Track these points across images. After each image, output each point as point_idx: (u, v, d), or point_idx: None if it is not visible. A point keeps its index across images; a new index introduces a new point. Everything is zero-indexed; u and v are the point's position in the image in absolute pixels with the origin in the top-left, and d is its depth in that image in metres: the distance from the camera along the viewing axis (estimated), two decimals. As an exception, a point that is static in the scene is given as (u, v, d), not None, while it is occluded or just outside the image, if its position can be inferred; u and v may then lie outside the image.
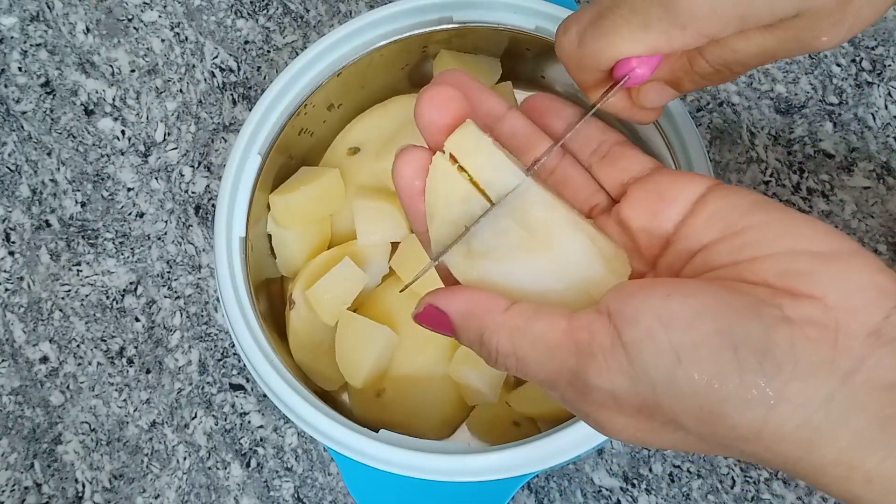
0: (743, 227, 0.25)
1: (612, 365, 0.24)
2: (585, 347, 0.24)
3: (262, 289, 0.45)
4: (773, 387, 0.22)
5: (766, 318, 0.23)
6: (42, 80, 0.56)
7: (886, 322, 0.23)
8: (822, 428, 0.22)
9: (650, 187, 0.28)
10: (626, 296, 0.24)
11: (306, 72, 0.45)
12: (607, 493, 0.46)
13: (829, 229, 0.25)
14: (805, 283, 0.23)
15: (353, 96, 0.49)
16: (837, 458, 0.22)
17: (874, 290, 0.23)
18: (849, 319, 0.23)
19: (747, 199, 0.26)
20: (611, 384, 0.24)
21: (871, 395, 0.22)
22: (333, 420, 0.39)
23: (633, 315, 0.24)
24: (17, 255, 0.53)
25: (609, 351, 0.24)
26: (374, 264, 0.47)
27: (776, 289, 0.23)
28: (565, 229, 0.27)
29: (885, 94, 0.51)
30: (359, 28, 0.45)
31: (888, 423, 0.22)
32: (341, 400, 0.48)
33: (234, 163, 0.44)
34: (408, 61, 0.49)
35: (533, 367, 0.25)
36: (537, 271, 0.27)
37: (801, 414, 0.22)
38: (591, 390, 0.24)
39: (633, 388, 0.24)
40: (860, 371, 0.22)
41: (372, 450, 0.38)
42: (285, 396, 0.40)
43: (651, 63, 0.29)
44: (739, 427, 0.23)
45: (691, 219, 0.26)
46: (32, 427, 0.50)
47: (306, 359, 0.46)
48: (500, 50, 0.49)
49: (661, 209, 0.27)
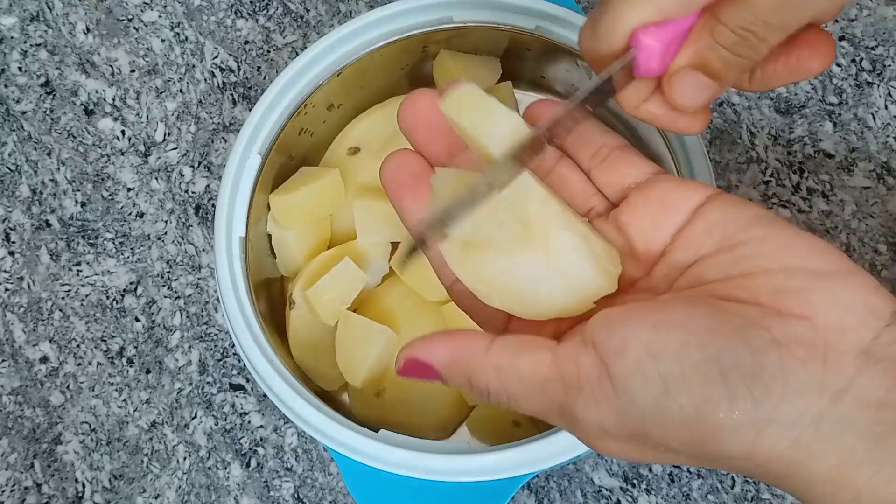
0: (740, 241, 0.25)
1: (600, 397, 0.23)
2: (573, 381, 0.24)
3: (262, 289, 0.45)
4: (763, 411, 0.22)
5: (754, 343, 0.23)
6: (42, 80, 0.56)
7: (876, 342, 0.23)
8: (812, 447, 0.22)
9: (652, 194, 0.27)
10: (612, 326, 0.24)
11: (306, 72, 0.45)
12: (607, 493, 0.46)
13: (826, 247, 0.24)
14: (796, 301, 0.23)
15: (353, 96, 0.49)
16: (826, 476, 0.22)
17: (865, 310, 0.23)
18: (838, 338, 0.23)
19: (747, 212, 0.26)
20: (599, 417, 0.24)
21: (861, 412, 0.22)
22: (333, 420, 0.39)
23: (621, 347, 0.23)
24: (17, 255, 0.53)
25: (596, 384, 0.24)
26: (374, 264, 0.47)
27: (766, 307, 0.23)
28: (559, 226, 0.27)
29: (885, 94, 0.51)
30: (359, 28, 0.45)
31: (879, 441, 0.22)
32: (341, 400, 0.48)
33: (234, 163, 0.44)
34: (408, 61, 0.49)
35: (524, 403, 0.25)
36: (530, 267, 0.27)
37: (791, 435, 0.22)
38: (579, 422, 0.24)
39: (620, 420, 0.23)
40: (850, 390, 0.22)
41: (372, 450, 0.38)
42: (285, 396, 0.40)
43: (660, 34, 0.26)
44: (729, 450, 0.23)
45: (689, 228, 0.26)
46: (32, 427, 0.50)
47: (306, 359, 0.46)
48: (500, 50, 0.49)
49: (661, 217, 0.27)
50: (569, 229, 0.27)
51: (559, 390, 0.24)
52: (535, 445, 0.38)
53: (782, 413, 0.22)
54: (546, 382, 0.24)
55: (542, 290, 0.26)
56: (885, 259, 0.49)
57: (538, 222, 0.27)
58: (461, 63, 0.48)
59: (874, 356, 0.22)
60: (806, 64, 0.28)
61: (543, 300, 0.27)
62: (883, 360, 0.22)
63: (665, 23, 0.26)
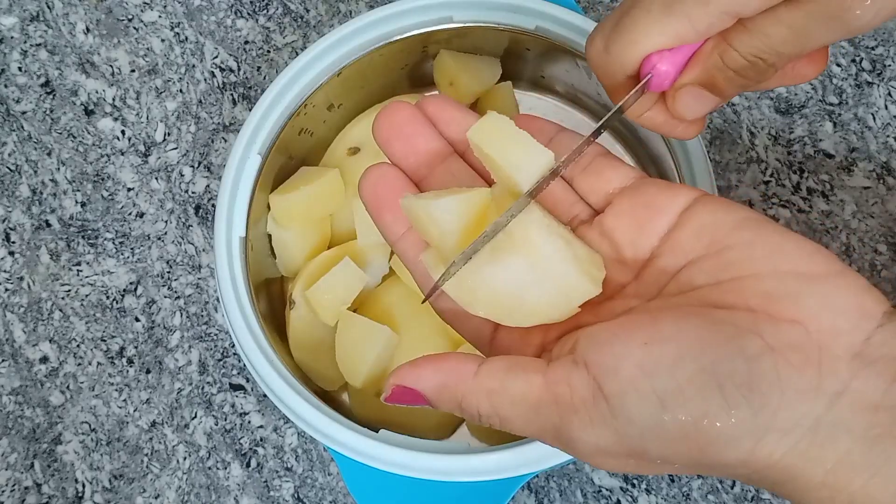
0: (728, 245, 0.25)
1: (595, 418, 0.23)
2: (567, 402, 0.24)
3: (262, 289, 0.45)
4: (762, 419, 0.22)
5: (748, 350, 0.22)
6: (42, 80, 0.56)
7: (868, 343, 0.23)
8: (810, 452, 0.22)
9: (637, 198, 0.27)
10: (603, 344, 0.24)
11: (306, 72, 0.45)
12: (607, 493, 0.46)
13: (815, 248, 0.24)
14: (787, 305, 0.23)
15: (353, 96, 0.49)
16: (823, 481, 0.22)
17: (857, 312, 0.23)
18: (832, 342, 0.23)
19: (735, 215, 0.26)
20: (595, 437, 0.23)
21: (857, 416, 0.22)
22: (333, 420, 0.39)
23: (613, 365, 0.23)
24: (17, 255, 0.53)
25: (591, 404, 0.23)
26: (374, 264, 0.47)
27: (757, 313, 0.23)
28: (541, 232, 0.27)
29: (885, 94, 0.51)
30: (359, 28, 0.45)
31: (874, 444, 0.22)
32: (341, 400, 0.48)
33: (234, 163, 0.44)
34: (408, 61, 0.49)
35: (518, 425, 0.25)
36: (514, 273, 0.27)
37: (789, 441, 0.22)
38: (575, 443, 0.24)
39: (618, 439, 0.23)
40: (846, 393, 0.22)
41: (372, 450, 0.38)
42: (285, 397, 0.40)
43: (674, 59, 0.27)
44: (727, 459, 0.23)
45: (677, 232, 0.26)
46: (32, 427, 0.50)
47: (306, 359, 0.46)
48: (500, 50, 0.49)
49: (648, 220, 0.27)
50: (551, 235, 0.27)
51: (553, 412, 0.24)
52: (535, 445, 0.38)
53: (780, 420, 0.22)
54: (539, 405, 0.24)
55: (526, 295, 0.26)
56: (885, 259, 0.49)
57: (520, 229, 0.27)
58: (461, 63, 0.48)
59: (867, 358, 0.22)
60: (801, 71, 0.29)
61: (528, 306, 0.26)
62: (876, 362, 0.22)
63: (678, 47, 0.27)
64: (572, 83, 0.49)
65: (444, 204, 0.27)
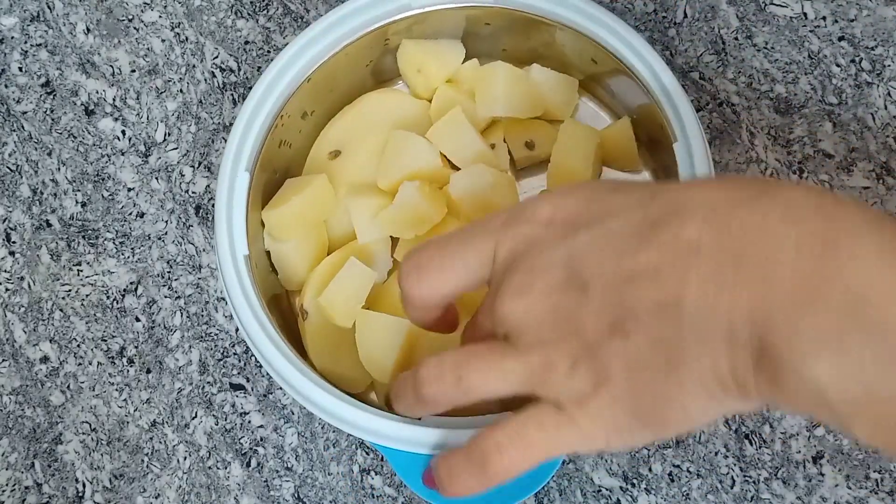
0: None
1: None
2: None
3: (272, 306, 0.45)
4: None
5: None
6: (42, 80, 0.56)
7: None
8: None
9: None
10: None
11: (278, 81, 0.45)
12: (607, 492, 0.46)
13: None
14: None
15: (323, 101, 0.49)
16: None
17: None
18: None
19: None
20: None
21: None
22: (383, 418, 0.39)
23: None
24: (17, 255, 0.53)
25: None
26: (377, 260, 0.47)
27: None
28: None
29: (884, 94, 0.51)
30: (323, 29, 0.46)
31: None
32: (371, 400, 0.48)
33: (224, 183, 0.44)
34: (371, 57, 0.49)
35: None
36: None
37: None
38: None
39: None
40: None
41: (423, 437, 0.38)
42: (336, 409, 0.39)
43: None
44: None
45: None
46: (33, 427, 0.50)
47: (329, 365, 0.45)
48: (459, 31, 0.50)
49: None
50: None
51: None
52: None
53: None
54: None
55: None
56: (884, 259, 0.49)
57: None
58: (426, 49, 0.49)
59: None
60: None
61: None
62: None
63: None
64: (535, 47, 0.49)
65: None
